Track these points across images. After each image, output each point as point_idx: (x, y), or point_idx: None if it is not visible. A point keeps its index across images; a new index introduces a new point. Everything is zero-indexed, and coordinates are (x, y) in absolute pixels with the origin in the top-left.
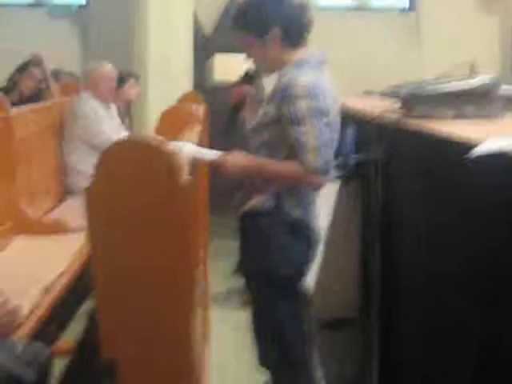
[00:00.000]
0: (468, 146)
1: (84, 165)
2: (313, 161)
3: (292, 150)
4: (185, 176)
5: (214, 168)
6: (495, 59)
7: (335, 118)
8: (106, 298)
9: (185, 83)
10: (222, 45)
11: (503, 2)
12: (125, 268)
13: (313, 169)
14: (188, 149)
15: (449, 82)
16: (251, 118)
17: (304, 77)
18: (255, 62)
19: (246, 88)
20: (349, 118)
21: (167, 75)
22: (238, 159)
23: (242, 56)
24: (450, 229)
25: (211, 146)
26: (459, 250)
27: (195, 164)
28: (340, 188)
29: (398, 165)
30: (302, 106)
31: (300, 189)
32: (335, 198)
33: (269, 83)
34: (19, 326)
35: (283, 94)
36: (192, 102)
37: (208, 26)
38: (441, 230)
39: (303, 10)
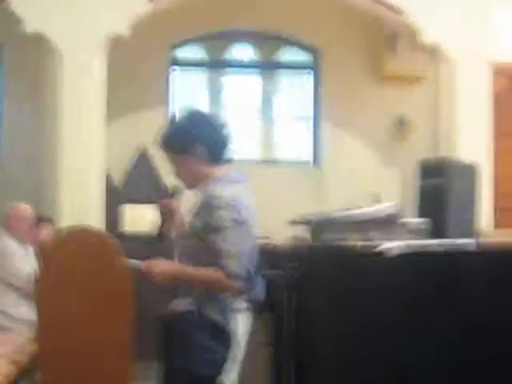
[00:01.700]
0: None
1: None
2: (233, 268)
3: (214, 258)
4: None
5: (141, 274)
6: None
7: (253, 231)
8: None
9: None
10: (132, 197)
11: (404, 154)
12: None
13: (233, 275)
14: None
15: (355, 209)
16: (175, 231)
17: (225, 191)
18: (180, 177)
19: (172, 202)
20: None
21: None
22: (162, 265)
23: (150, 207)
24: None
25: None
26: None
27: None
28: (253, 320)
29: (311, 281)
30: (223, 216)
31: (220, 294)
32: (249, 329)
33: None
34: None
35: (206, 206)
36: None
37: (118, 179)
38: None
39: (224, 128)
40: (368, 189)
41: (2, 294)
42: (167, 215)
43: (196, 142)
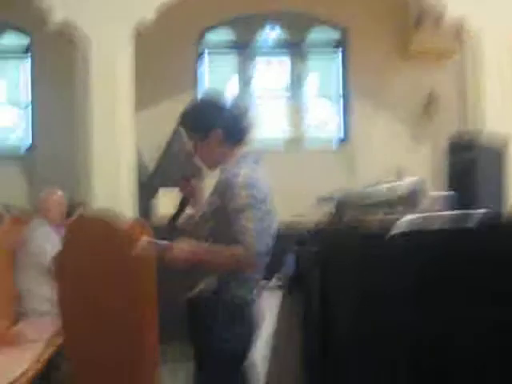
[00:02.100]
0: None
1: (37, 288)
2: (254, 244)
3: (234, 237)
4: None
5: (162, 254)
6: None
7: (271, 206)
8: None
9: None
10: (165, 181)
11: (433, 130)
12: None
13: (254, 251)
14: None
15: (379, 186)
16: (198, 210)
17: (243, 170)
18: (200, 158)
19: (194, 182)
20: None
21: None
22: (183, 246)
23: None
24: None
25: None
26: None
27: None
28: (283, 297)
29: (333, 258)
30: (242, 195)
31: (243, 273)
32: (279, 306)
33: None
34: None
35: (226, 186)
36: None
37: (150, 164)
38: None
39: (243, 114)
40: (398, 165)
41: (40, 280)
42: (189, 197)
43: (214, 125)
